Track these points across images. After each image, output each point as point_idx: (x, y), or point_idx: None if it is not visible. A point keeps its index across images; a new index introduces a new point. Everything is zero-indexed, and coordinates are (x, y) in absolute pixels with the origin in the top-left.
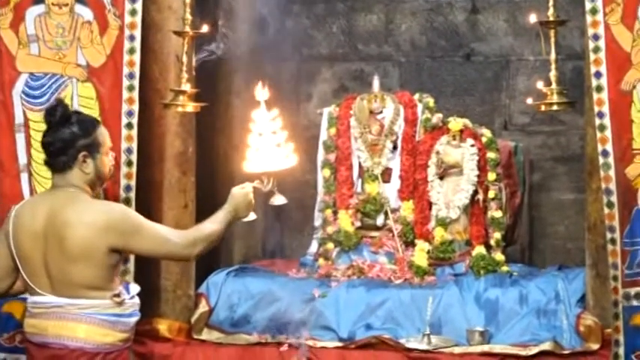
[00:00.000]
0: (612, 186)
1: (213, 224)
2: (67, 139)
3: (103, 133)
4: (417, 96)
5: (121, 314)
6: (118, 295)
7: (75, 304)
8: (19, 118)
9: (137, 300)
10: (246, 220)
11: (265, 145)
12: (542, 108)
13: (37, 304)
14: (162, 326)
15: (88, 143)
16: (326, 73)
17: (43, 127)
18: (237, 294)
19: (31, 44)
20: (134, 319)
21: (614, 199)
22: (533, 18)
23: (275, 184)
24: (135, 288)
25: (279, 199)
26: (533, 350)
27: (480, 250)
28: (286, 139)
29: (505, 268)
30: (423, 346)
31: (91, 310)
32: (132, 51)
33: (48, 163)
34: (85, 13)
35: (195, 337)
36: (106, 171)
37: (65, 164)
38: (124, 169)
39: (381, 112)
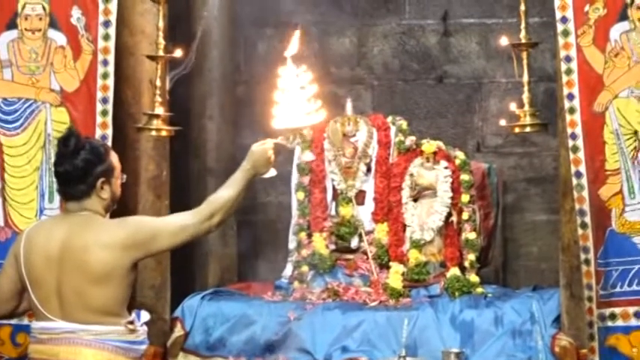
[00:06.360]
0: (586, 207)
1: (228, 189)
2: (84, 167)
3: (114, 157)
4: (390, 119)
5: (134, 341)
6: (132, 322)
7: (88, 330)
8: None
9: (146, 327)
10: (266, 176)
11: (292, 101)
12: (516, 130)
13: (45, 329)
14: None
15: (104, 169)
16: None
17: (17, 151)
18: (213, 318)
19: (4, 69)
20: (144, 347)
21: (587, 219)
22: (504, 40)
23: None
24: (145, 315)
25: (308, 156)
26: None
27: (454, 271)
28: (315, 95)
29: (480, 290)
30: None
31: (104, 337)
32: (105, 75)
33: (64, 192)
34: (59, 38)
35: None
36: (119, 193)
37: (84, 192)
38: None
39: (354, 135)
